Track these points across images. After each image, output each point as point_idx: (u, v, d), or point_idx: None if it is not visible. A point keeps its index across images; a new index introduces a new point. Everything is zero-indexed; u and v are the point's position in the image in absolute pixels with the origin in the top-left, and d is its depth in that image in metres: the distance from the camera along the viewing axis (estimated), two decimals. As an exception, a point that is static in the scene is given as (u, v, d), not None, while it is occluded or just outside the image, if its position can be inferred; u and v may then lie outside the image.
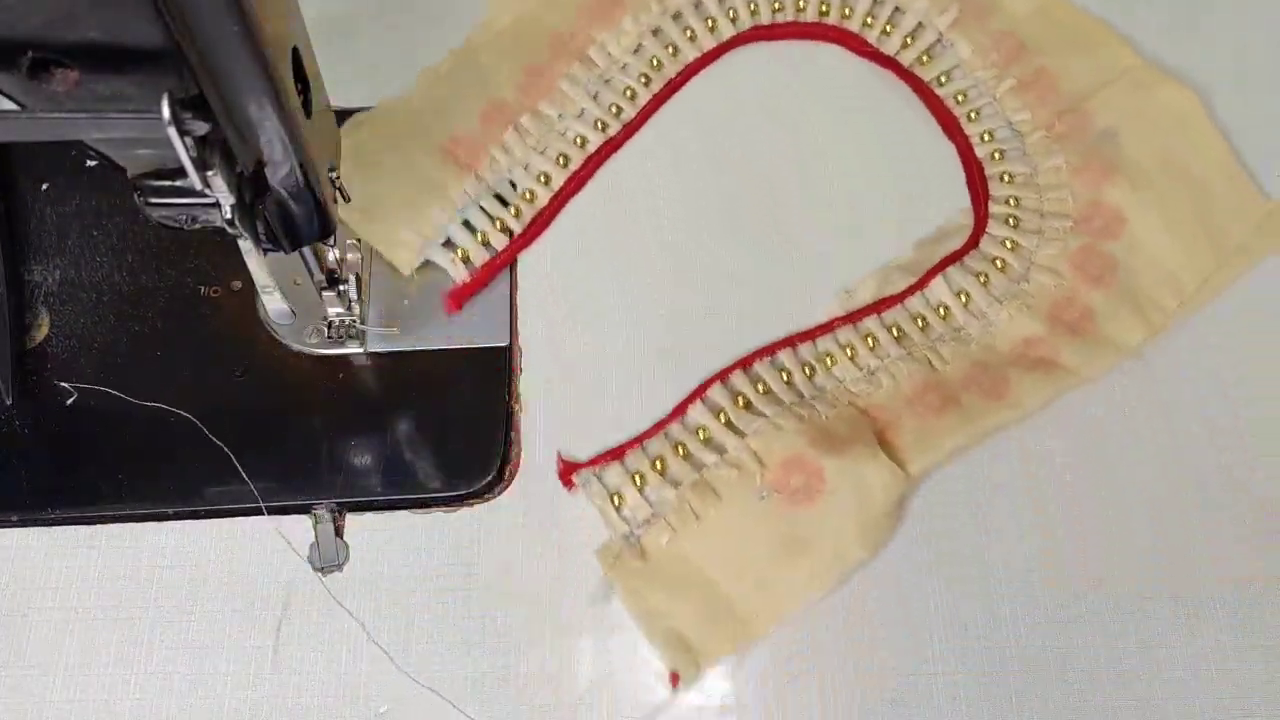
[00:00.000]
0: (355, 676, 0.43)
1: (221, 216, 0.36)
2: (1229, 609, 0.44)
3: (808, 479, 0.44)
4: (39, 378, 0.47)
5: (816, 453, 0.45)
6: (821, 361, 0.48)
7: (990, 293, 0.49)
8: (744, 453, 0.45)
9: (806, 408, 0.47)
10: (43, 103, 0.31)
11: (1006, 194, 0.52)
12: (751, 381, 0.47)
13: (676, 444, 0.46)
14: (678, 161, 0.53)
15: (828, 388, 0.48)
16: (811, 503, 0.44)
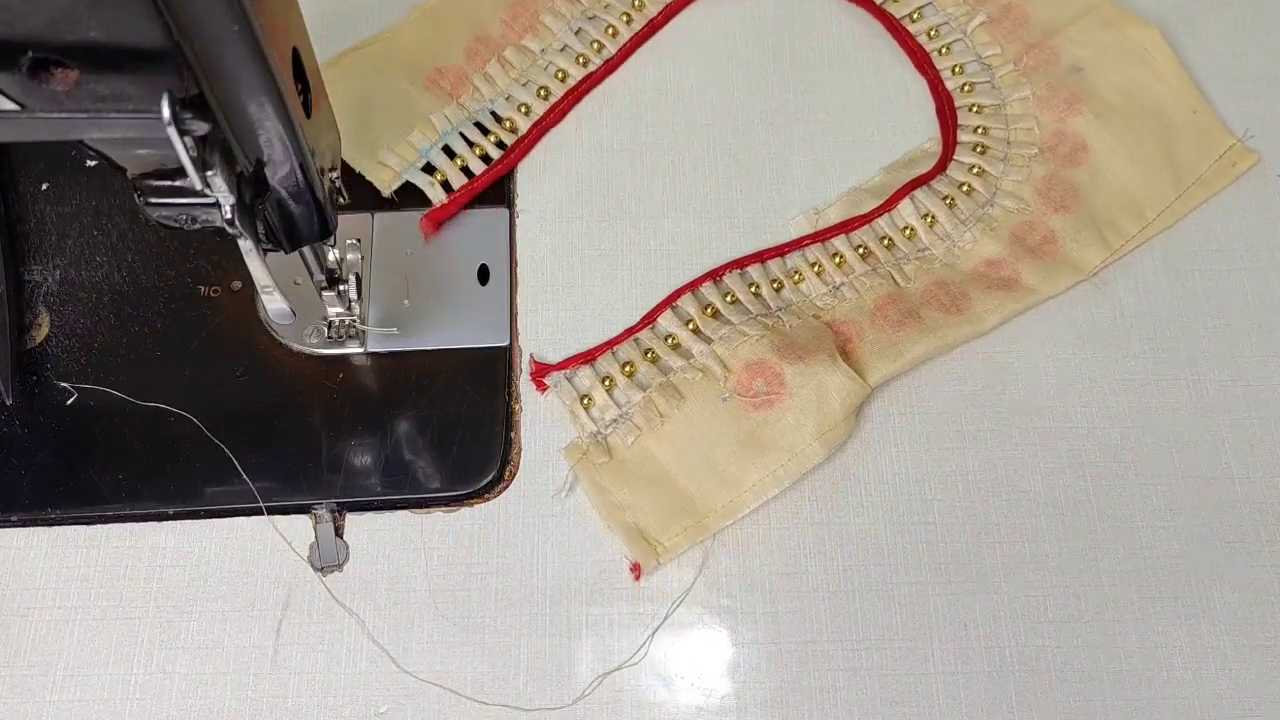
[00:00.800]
0: (355, 676, 0.43)
1: (221, 216, 0.36)
2: (1229, 609, 0.44)
3: (769, 383, 0.46)
4: (39, 378, 0.47)
5: (778, 359, 0.46)
6: (790, 277, 0.50)
7: (956, 215, 0.51)
8: (709, 358, 0.47)
9: (772, 318, 0.48)
10: (43, 103, 0.31)
11: (975, 124, 0.53)
12: (721, 293, 0.49)
13: (646, 350, 0.48)
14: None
15: (794, 301, 0.50)
16: (771, 406, 0.46)
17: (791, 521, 0.46)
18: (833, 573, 0.45)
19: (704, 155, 0.53)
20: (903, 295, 0.49)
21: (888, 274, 0.50)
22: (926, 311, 0.48)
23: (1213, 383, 0.48)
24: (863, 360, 0.47)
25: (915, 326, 0.48)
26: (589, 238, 0.51)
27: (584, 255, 0.51)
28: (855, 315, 0.49)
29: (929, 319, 0.48)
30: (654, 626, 0.44)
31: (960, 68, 0.54)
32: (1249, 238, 0.51)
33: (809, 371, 0.46)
